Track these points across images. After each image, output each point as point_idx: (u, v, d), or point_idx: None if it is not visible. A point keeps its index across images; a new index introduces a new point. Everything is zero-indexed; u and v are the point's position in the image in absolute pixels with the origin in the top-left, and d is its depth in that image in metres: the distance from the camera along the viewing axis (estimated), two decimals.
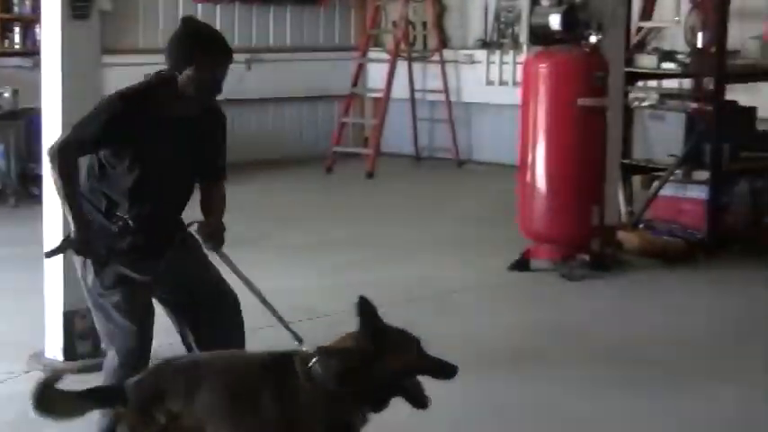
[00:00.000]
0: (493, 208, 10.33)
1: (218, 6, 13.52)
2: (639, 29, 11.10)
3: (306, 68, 14.20)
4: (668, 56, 9.64)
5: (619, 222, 9.15)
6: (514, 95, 9.15)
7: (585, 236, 8.37)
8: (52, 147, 4.59)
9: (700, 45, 9.16)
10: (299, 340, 4.12)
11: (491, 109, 13.57)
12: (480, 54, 13.86)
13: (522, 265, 8.42)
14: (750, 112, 9.65)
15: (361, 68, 13.98)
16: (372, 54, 14.38)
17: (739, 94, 9.61)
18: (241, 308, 4.67)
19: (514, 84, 12.49)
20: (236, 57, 4.64)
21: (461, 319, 7.30)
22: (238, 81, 12.99)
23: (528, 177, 8.40)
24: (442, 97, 13.94)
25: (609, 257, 8.52)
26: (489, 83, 13.73)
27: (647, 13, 11.15)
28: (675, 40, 10.48)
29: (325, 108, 14.78)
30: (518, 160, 8.55)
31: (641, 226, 9.33)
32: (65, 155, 4.53)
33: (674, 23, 10.74)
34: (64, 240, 4.67)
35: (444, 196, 11.85)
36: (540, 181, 8.34)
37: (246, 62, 13.11)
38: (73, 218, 4.52)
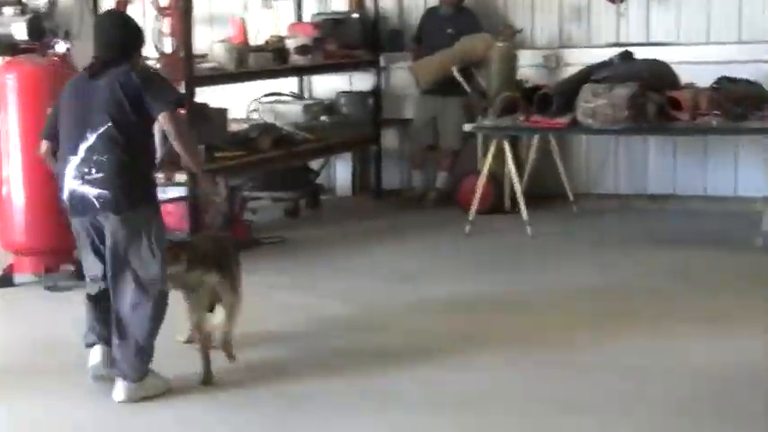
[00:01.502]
0: None
1: None
2: None
3: None
4: None
5: None
6: None
7: (68, 246, 8.32)
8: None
9: (168, 50, 9.34)
10: None
11: None
12: None
13: (5, 281, 8.27)
14: (222, 113, 10.01)
15: None
16: None
17: (210, 95, 9.93)
18: None
19: None
20: None
21: None
22: None
23: (4, 191, 8.25)
24: None
25: None
26: None
27: None
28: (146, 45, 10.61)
29: None
30: None
31: None
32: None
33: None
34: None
35: None
36: (17, 193, 8.22)
37: None
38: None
